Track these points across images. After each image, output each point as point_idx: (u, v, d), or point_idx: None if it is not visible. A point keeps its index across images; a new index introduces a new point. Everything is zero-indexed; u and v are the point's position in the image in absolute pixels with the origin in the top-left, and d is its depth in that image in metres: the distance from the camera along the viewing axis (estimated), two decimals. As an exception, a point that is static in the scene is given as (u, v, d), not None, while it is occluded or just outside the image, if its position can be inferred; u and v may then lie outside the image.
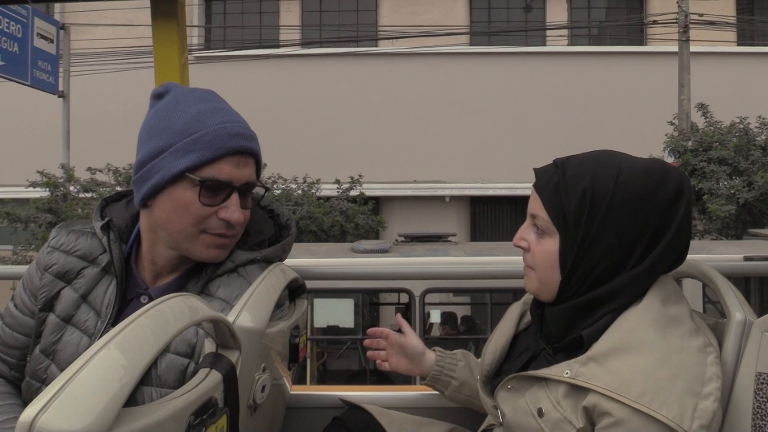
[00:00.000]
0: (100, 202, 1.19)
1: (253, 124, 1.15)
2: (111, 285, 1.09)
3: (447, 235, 5.13)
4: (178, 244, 1.07)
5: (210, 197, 1.05)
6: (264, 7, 11.64)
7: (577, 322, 1.00)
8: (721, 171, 7.57)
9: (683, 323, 0.96)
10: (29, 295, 1.12)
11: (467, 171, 10.46)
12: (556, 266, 1.00)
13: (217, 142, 1.04)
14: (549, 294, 1.03)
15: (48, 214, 7.60)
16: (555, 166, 1.03)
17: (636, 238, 0.96)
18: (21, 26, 7.39)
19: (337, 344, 5.93)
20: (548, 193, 1.00)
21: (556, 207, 0.99)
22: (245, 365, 0.94)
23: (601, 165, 0.99)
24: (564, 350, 1.01)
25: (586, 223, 0.96)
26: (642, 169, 0.98)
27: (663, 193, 0.97)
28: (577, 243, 0.97)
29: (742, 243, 5.20)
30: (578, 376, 0.94)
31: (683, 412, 0.87)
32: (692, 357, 0.92)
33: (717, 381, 0.92)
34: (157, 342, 0.73)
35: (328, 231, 7.82)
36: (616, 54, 10.72)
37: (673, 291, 1.00)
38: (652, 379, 0.89)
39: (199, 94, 1.10)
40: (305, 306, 1.32)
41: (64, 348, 1.05)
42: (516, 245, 1.08)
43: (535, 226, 1.03)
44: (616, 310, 0.97)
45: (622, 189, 0.96)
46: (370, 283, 4.28)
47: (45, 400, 0.63)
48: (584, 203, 0.97)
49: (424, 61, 10.67)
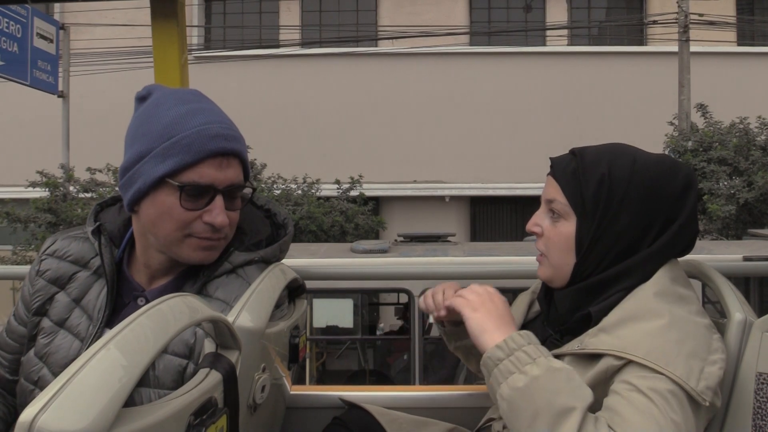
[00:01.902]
0: (95, 206, 1.19)
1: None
2: (103, 289, 1.09)
3: (446, 235, 5.13)
4: (166, 247, 1.07)
5: (192, 201, 1.03)
6: (264, 7, 11.64)
7: (585, 302, 1.03)
8: (721, 171, 7.57)
9: (691, 303, 0.99)
10: (23, 304, 1.15)
11: (467, 171, 10.46)
12: (571, 249, 1.04)
13: (196, 145, 1.02)
14: (562, 279, 1.06)
15: (48, 214, 7.60)
16: (573, 154, 1.08)
17: (649, 222, 1.01)
18: (21, 26, 7.38)
19: (336, 344, 5.93)
20: (566, 178, 1.05)
21: (574, 191, 1.03)
22: (245, 365, 0.94)
23: (617, 154, 1.04)
24: (571, 332, 1.03)
25: (603, 206, 1.01)
26: (655, 160, 1.04)
27: (674, 183, 1.02)
28: (594, 225, 1.01)
29: (741, 243, 5.20)
30: (588, 346, 0.96)
31: (690, 372, 0.88)
32: (699, 329, 0.95)
33: (722, 353, 0.94)
34: (157, 342, 0.73)
35: (328, 231, 7.82)
36: (616, 54, 10.72)
37: (681, 276, 1.03)
38: (659, 340, 0.91)
39: (181, 96, 1.08)
40: (305, 306, 1.32)
41: (56, 351, 1.06)
42: (530, 230, 1.11)
43: (551, 211, 1.07)
44: (626, 289, 1.00)
45: (637, 176, 1.01)
46: (369, 283, 4.27)
47: (45, 400, 0.62)
48: (602, 187, 1.01)
49: (424, 61, 10.67)
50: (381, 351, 5.71)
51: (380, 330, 6.44)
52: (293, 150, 9.94)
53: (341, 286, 4.18)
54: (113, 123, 9.44)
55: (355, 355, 5.82)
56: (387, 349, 5.64)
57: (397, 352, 5.36)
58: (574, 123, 10.22)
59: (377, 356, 5.78)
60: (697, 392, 0.87)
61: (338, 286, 4.21)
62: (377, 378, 5.39)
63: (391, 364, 5.39)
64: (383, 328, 6.61)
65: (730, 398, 0.99)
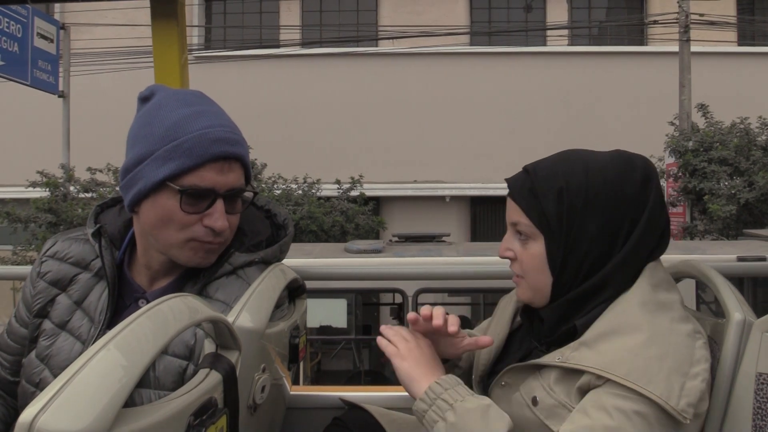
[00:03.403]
0: (95, 208, 1.19)
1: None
2: (104, 291, 1.09)
3: (441, 235, 5.11)
4: (165, 249, 1.07)
5: (192, 205, 1.03)
6: (264, 7, 11.64)
7: (570, 316, 1.02)
8: (721, 171, 7.57)
9: (673, 309, 0.98)
10: (24, 306, 1.14)
11: (467, 171, 10.46)
12: (545, 268, 1.03)
13: (198, 149, 1.01)
14: (543, 299, 1.05)
15: (48, 214, 7.60)
16: (526, 172, 1.07)
17: (617, 226, 1.00)
18: (21, 26, 7.38)
19: (330, 344, 5.90)
20: (525, 199, 1.04)
21: (536, 210, 1.02)
22: (245, 365, 0.94)
23: (570, 163, 1.03)
24: (556, 343, 1.03)
25: (567, 219, 1.00)
26: (608, 160, 1.03)
27: (632, 179, 1.01)
28: (562, 241, 1.00)
29: (735, 243, 5.18)
30: (569, 360, 0.96)
31: (671, 390, 0.88)
32: (681, 339, 0.94)
33: (705, 363, 0.93)
34: (157, 342, 0.73)
35: (329, 231, 7.82)
36: (617, 54, 10.71)
37: (664, 279, 1.02)
38: (640, 358, 0.90)
39: (183, 97, 1.08)
40: (305, 306, 1.32)
41: (57, 353, 1.06)
42: (503, 257, 1.10)
43: (518, 233, 1.06)
44: (608, 299, 0.99)
45: (594, 181, 1.00)
46: (362, 284, 4.26)
47: (45, 401, 0.62)
48: (562, 201, 1.00)
49: (424, 61, 10.67)
50: (376, 351, 5.70)
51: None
52: (294, 150, 9.93)
53: (335, 286, 4.16)
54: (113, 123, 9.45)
55: (350, 356, 5.80)
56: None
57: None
58: (574, 123, 10.22)
59: (372, 356, 5.76)
60: (678, 411, 0.87)
61: (332, 286, 4.18)
62: (372, 378, 5.37)
63: (384, 364, 5.38)
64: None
65: (730, 398, 0.99)
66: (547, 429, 0.96)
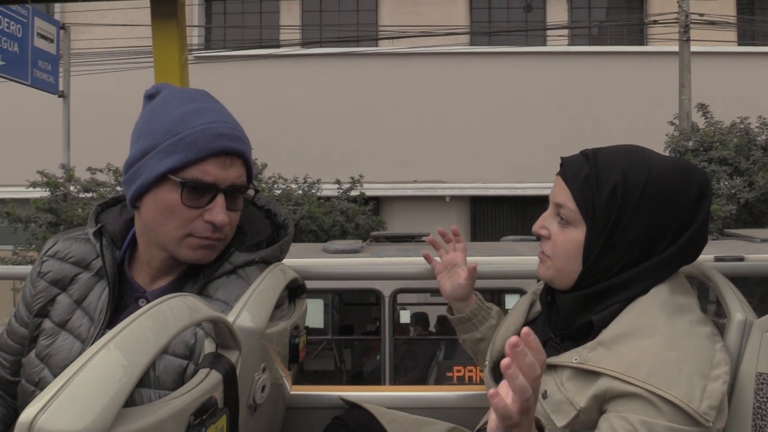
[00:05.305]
0: (95, 207, 1.19)
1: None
2: (105, 290, 1.09)
3: (420, 235, 5.09)
4: (165, 245, 1.07)
5: (193, 199, 1.04)
6: (264, 7, 11.64)
7: (587, 309, 1.01)
8: (721, 171, 7.57)
9: (692, 312, 0.97)
10: (24, 306, 1.14)
11: (467, 171, 10.46)
12: (578, 257, 1.01)
13: (201, 142, 1.02)
14: (565, 283, 1.04)
15: (48, 214, 7.59)
16: (585, 157, 1.03)
17: (661, 233, 0.98)
18: (21, 26, 7.38)
19: (310, 344, 5.88)
20: (578, 184, 1.01)
21: (586, 199, 1.00)
22: (245, 365, 0.94)
23: (632, 160, 1.00)
24: (572, 337, 1.02)
25: (615, 216, 0.98)
26: (670, 167, 1.00)
27: (688, 192, 0.99)
28: (604, 235, 0.98)
29: (714, 243, 5.15)
30: (587, 361, 0.94)
31: (692, 393, 0.86)
32: (701, 341, 0.93)
33: (725, 365, 0.92)
34: (157, 342, 0.73)
35: (329, 231, 7.82)
36: (616, 54, 10.71)
37: (681, 284, 1.01)
38: (660, 360, 0.89)
39: (189, 95, 1.09)
40: (305, 306, 1.32)
41: (57, 353, 1.06)
42: (536, 233, 1.08)
43: (559, 215, 1.04)
44: (627, 299, 0.98)
45: (652, 185, 0.97)
46: (339, 284, 4.23)
47: (45, 400, 0.62)
48: (615, 197, 0.98)
49: (424, 61, 10.66)
50: (358, 352, 5.69)
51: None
52: (294, 150, 9.93)
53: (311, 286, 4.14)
54: (113, 123, 9.47)
55: (331, 356, 5.78)
56: (363, 350, 5.61)
57: (373, 352, 5.33)
58: (574, 123, 10.22)
59: (354, 357, 5.75)
60: (700, 414, 0.86)
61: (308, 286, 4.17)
62: (352, 379, 5.35)
63: (364, 364, 5.37)
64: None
65: (730, 398, 0.99)
66: (550, 422, 0.95)
